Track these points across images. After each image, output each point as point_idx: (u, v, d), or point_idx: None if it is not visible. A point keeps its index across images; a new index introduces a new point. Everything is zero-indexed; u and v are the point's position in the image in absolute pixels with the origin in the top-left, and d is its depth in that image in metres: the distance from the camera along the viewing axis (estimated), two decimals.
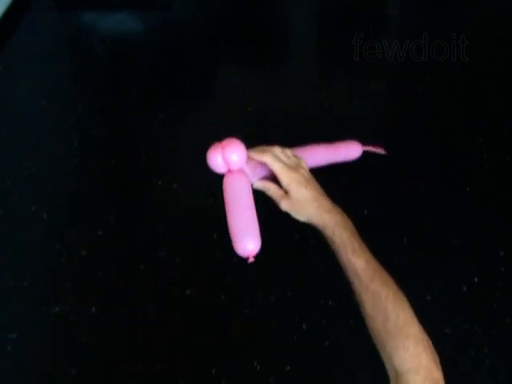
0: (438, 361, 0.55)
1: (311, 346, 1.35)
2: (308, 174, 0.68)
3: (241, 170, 0.70)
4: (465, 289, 1.43)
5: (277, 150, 0.69)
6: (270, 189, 0.68)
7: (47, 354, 1.39)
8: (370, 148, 0.83)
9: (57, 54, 2.35)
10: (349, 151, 0.82)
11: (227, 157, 0.66)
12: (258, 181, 0.70)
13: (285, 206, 0.66)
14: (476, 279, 1.45)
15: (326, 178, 1.86)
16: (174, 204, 1.65)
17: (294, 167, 0.67)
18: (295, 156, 0.71)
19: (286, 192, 0.66)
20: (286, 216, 0.68)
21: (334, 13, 2.48)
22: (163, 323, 1.38)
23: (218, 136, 2.21)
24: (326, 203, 0.66)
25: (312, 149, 0.79)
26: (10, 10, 2.37)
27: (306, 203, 0.65)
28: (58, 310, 1.45)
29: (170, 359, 1.34)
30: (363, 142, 0.83)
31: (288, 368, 1.31)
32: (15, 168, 1.83)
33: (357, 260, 0.60)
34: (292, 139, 2.14)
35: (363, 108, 1.94)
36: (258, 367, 1.31)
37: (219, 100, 2.06)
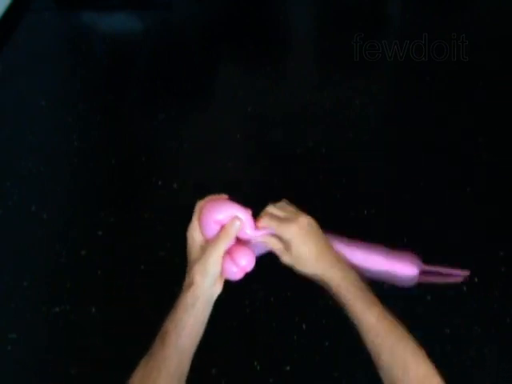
0: None
1: (311, 346, 1.35)
2: (309, 225, 0.64)
3: None
4: (465, 289, 1.43)
5: (269, 208, 0.67)
6: (270, 243, 0.65)
7: (47, 354, 1.39)
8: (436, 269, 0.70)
9: (57, 54, 2.35)
10: (404, 268, 0.70)
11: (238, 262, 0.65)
12: (259, 234, 0.66)
13: (285, 260, 0.64)
14: (476, 279, 1.44)
15: (325, 179, 1.85)
16: (174, 204, 1.65)
17: (292, 219, 0.64)
18: (290, 206, 0.68)
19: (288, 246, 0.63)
20: None
21: (334, 13, 2.47)
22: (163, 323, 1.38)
23: (218, 136, 2.21)
24: (327, 259, 0.62)
25: (360, 249, 0.71)
26: (9, 10, 2.37)
27: (305, 260, 0.62)
28: (58, 310, 1.45)
29: None
30: (424, 259, 0.69)
31: (288, 368, 1.31)
32: (15, 168, 1.83)
33: (367, 316, 0.58)
34: (292, 139, 2.14)
35: (363, 108, 1.94)
36: (258, 367, 1.31)
37: (219, 100, 2.06)
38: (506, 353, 1.32)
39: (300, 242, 0.62)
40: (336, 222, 1.62)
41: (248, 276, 0.67)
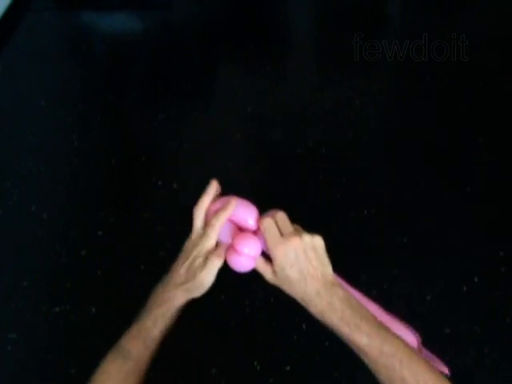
0: None
1: (311, 346, 1.35)
2: (301, 248, 0.60)
3: None
4: (465, 289, 1.43)
5: (279, 215, 0.63)
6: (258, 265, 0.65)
7: (47, 354, 1.39)
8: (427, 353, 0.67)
9: (57, 54, 2.35)
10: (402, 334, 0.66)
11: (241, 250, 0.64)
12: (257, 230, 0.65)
13: (269, 278, 0.64)
14: (476, 279, 1.44)
15: (325, 179, 1.85)
16: (174, 204, 1.65)
17: (287, 238, 0.61)
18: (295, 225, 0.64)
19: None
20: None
21: (334, 13, 2.48)
22: None
23: (218, 136, 2.20)
24: (310, 287, 0.60)
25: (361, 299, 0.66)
26: (9, 10, 2.37)
27: (289, 284, 0.62)
28: (58, 310, 1.45)
29: (170, 359, 1.34)
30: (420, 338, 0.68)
31: (288, 368, 1.31)
32: (15, 168, 1.83)
33: (357, 338, 0.56)
34: (292, 139, 2.14)
35: (363, 108, 1.94)
36: (258, 367, 1.31)
37: (219, 100, 2.06)
38: (506, 353, 1.32)
39: (285, 265, 0.61)
40: (336, 222, 1.62)
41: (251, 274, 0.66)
